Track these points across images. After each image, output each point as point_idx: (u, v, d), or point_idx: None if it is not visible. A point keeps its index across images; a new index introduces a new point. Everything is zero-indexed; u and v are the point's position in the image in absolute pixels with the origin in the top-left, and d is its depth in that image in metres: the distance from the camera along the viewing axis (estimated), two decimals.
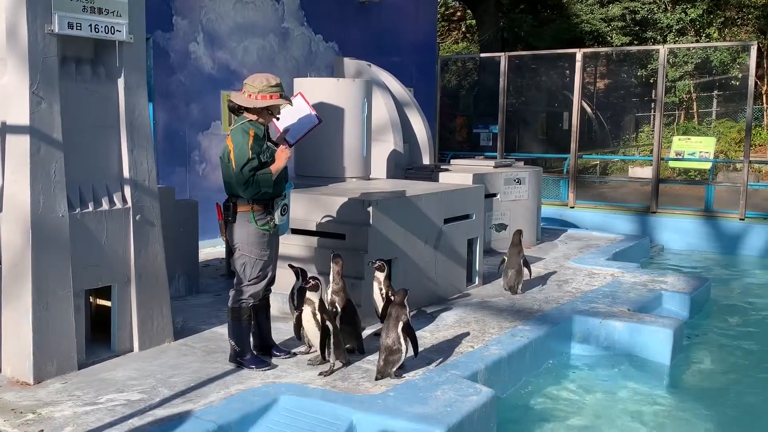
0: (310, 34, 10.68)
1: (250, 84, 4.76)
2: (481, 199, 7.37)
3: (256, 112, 4.76)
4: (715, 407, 5.31)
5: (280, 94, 4.78)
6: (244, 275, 4.76)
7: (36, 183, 4.41)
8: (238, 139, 4.61)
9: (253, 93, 4.73)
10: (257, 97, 4.72)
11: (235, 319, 4.77)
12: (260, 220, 4.71)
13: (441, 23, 25.43)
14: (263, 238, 4.75)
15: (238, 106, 4.78)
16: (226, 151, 4.67)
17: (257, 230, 4.71)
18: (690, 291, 7.16)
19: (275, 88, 4.75)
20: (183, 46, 8.97)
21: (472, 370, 4.74)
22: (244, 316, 4.78)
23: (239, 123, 4.72)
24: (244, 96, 4.76)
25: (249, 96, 4.74)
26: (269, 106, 4.77)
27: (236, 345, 4.78)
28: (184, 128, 9.03)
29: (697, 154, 12.45)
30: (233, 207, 4.71)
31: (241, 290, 4.77)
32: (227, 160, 4.65)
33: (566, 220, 12.42)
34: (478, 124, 17.08)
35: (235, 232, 4.74)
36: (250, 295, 4.78)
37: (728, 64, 22.31)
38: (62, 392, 4.30)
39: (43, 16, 4.39)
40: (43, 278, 4.45)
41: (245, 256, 4.73)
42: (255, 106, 4.73)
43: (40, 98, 4.42)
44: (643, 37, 23.68)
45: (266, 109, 4.78)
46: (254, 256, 4.73)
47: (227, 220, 4.75)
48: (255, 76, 4.82)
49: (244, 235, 4.71)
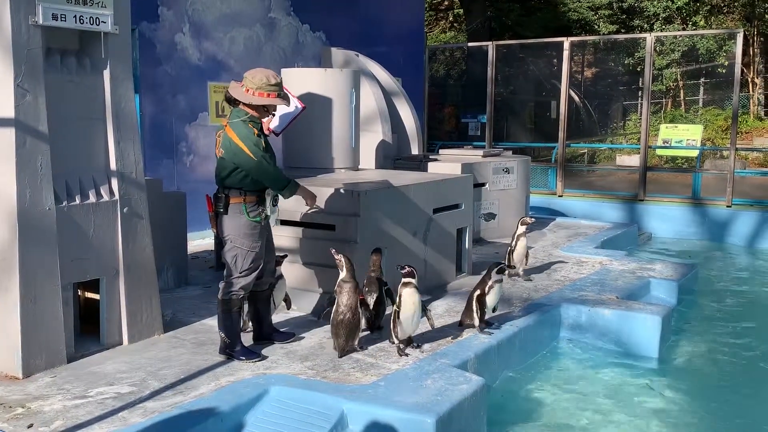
0: (297, 24, 10.63)
1: (250, 79, 4.71)
2: (469, 188, 7.37)
3: (253, 108, 4.75)
4: (703, 393, 5.36)
5: (277, 94, 4.75)
6: (235, 267, 4.74)
7: (22, 176, 4.38)
8: (245, 132, 4.60)
9: (251, 89, 4.69)
10: (255, 93, 4.69)
11: (226, 311, 4.76)
12: (252, 212, 4.71)
13: (428, 12, 25.37)
14: (254, 230, 4.74)
15: (234, 99, 4.75)
16: (232, 143, 4.62)
17: (249, 222, 4.70)
18: (678, 278, 7.21)
19: (274, 87, 4.72)
20: (169, 37, 8.91)
21: (462, 359, 4.75)
22: (235, 308, 4.77)
23: (240, 117, 4.69)
24: (242, 90, 4.72)
25: (247, 91, 4.70)
26: (266, 105, 4.75)
27: (226, 337, 4.77)
28: (171, 120, 8.98)
29: (684, 141, 12.48)
30: (225, 198, 4.70)
31: (231, 282, 4.76)
32: (235, 151, 4.60)
33: (555, 208, 12.46)
34: (466, 114, 17.09)
35: (226, 224, 4.73)
36: (240, 287, 4.77)
37: (715, 52, 22.41)
38: (51, 386, 4.28)
39: (26, 8, 4.35)
40: (30, 272, 4.42)
41: (237, 248, 4.72)
42: (251, 103, 4.70)
43: (24, 90, 4.38)
44: (630, 25, 23.75)
45: (263, 107, 4.77)
46: (245, 248, 4.72)
47: (218, 212, 4.73)
48: (256, 72, 4.76)
49: (235, 227, 4.70)
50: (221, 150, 4.72)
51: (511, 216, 9.46)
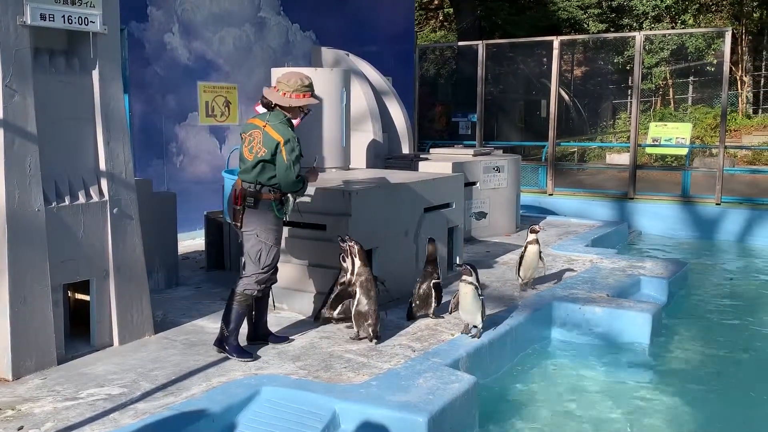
0: (287, 23, 10.61)
1: (285, 83, 4.87)
2: (460, 187, 7.38)
3: (290, 110, 4.90)
4: (693, 389, 5.38)
5: (311, 94, 4.96)
6: (258, 262, 4.83)
7: (11, 177, 4.35)
8: (287, 134, 4.75)
9: (287, 92, 4.86)
10: (292, 95, 4.86)
11: (240, 303, 4.82)
12: (279, 209, 4.84)
13: (418, 12, 25.38)
14: (279, 226, 4.92)
15: (274, 104, 4.88)
16: (275, 142, 4.72)
17: (275, 218, 4.83)
18: (668, 276, 7.24)
19: (308, 88, 4.92)
20: (158, 37, 8.88)
21: (454, 358, 4.76)
22: (248, 302, 4.87)
23: (278, 120, 4.83)
24: (278, 94, 4.87)
25: (284, 94, 4.86)
26: (303, 105, 4.92)
27: (226, 329, 4.81)
28: (161, 120, 8.95)
29: (674, 140, 12.54)
30: (257, 194, 4.79)
31: (252, 277, 4.84)
32: (273, 152, 4.72)
33: (545, 207, 12.50)
34: (456, 113, 17.12)
35: (254, 219, 4.82)
36: (258, 282, 4.85)
37: (703, 51, 22.53)
38: (42, 388, 4.26)
39: (14, 8, 4.32)
40: (20, 273, 4.40)
41: (262, 242, 4.81)
42: (290, 105, 4.86)
43: (13, 91, 4.35)
44: (619, 24, 23.84)
45: (299, 108, 4.94)
46: (270, 243, 4.83)
47: (248, 206, 4.80)
48: (290, 75, 4.93)
49: (263, 222, 4.80)
50: (264, 149, 4.78)
51: (502, 215, 9.49)
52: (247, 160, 4.84)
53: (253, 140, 4.85)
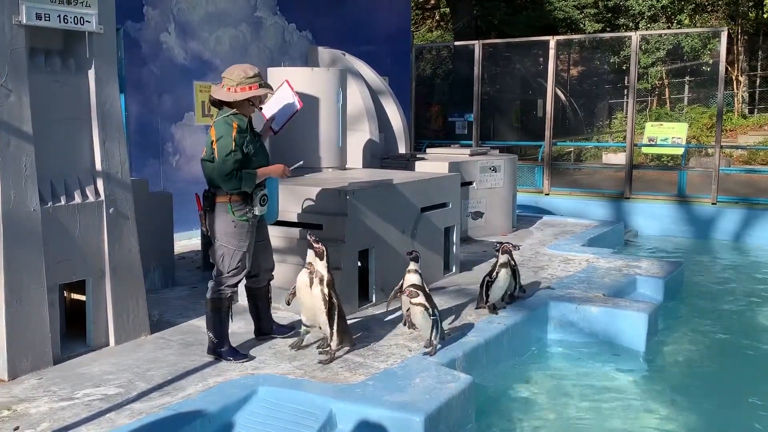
0: (284, 23, 10.60)
1: (228, 77, 4.71)
2: (457, 187, 7.39)
3: (237, 105, 4.72)
4: (689, 388, 5.40)
5: (259, 84, 4.74)
6: (223, 266, 4.74)
7: (6, 177, 4.34)
8: (222, 131, 4.59)
9: (231, 86, 4.68)
10: (236, 90, 4.67)
11: (215, 310, 4.75)
12: (238, 211, 4.69)
13: (415, 11, 25.37)
14: (242, 229, 4.73)
15: (219, 101, 4.75)
16: (209, 141, 4.62)
17: (235, 221, 4.69)
18: (664, 275, 7.25)
19: (253, 79, 4.71)
20: (154, 37, 8.86)
21: (450, 357, 4.76)
22: (224, 307, 4.77)
23: (222, 116, 4.70)
24: (223, 90, 4.71)
25: (228, 89, 4.69)
26: (249, 97, 4.72)
27: (214, 337, 4.76)
28: (157, 119, 8.94)
29: (670, 139, 12.56)
30: (212, 197, 4.70)
31: (220, 281, 4.75)
32: (210, 150, 4.60)
33: (541, 207, 12.51)
34: (453, 113, 17.11)
35: (214, 223, 4.73)
36: (228, 286, 4.76)
37: (699, 50, 22.56)
38: (38, 388, 4.26)
39: (10, 7, 4.31)
40: (15, 273, 4.39)
41: (224, 246, 4.72)
42: (235, 99, 4.68)
43: (8, 91, 4.34)
44: (615, 24, 23.86)
45: (247, 101, 4.74)
46: (232, 247, 4.71)
47: (206, 210, 4.74)
48: (232, 69, 4.77)
49: (222, 226, 4.70)
50: (204, 149, 4.71)
51: (498, 214, 9.50)
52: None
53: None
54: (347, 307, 5.60)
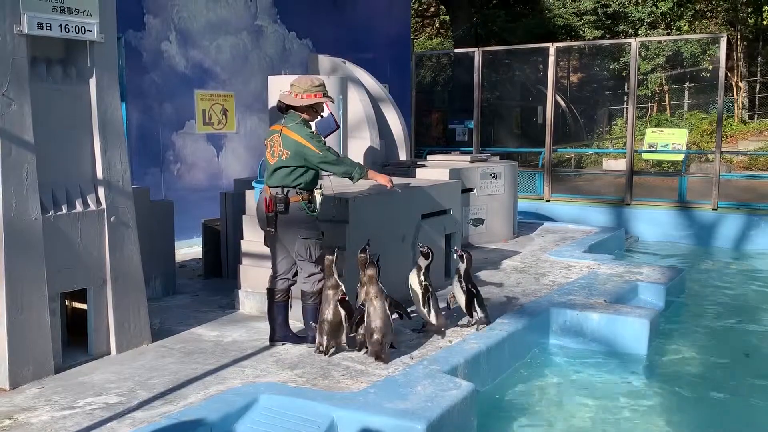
0: (284, 31, 10.64)
1: (297, 85, 5.12)
2: (458, 194, 7.39)
3: (303, 110, 5.12)
4: (691, 394, 5.39)
5: (323, 93, 5.16)
6: (310, 256, 5.04)
7: (7, 186, 4.35)
8: (304, 132, 4.99)
9: (299, 93, 5.10)
10: (303, 96, 5.09)
11: (317, 301, 5.05)
12: (308, 208, 5.03)
13: (415, 19, 25.44)
14: (314, 222, 5.11)
15: (286, 106, 5.11)
16: (298, 144, 4.93)
17: (308, 216, 5.03)
18: (665, 281, 7.25)
19: (318, 88, 5.14)
20: (155, 45, 8.89)
21: (452, 365, 4.76)
22: (318, 299, 5.06)
23: (294, 121, 5.04)
24: (291, 96, 5.11)
25: (296, 96, 5.10)
26: (314, 104, 5.13)
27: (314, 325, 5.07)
28: (158, 128, 8.96)
29: (670, 145, 12.58)
30: (285, 198, 4.96)
31: (316, 272, 5.06)
32: (301, 150, 4.92)
33: (542, 213, 12.51)
34: (453, 120, 17.15)
35: (289, 223, 4.99)
36: (319, 279, 5.06)
37: (699, 56, 22.57)
38: (39, 397, 4.25)
39: (12, 17, 4.33)
40: (17, 282, 4.39)
41: (306, 239, 5.02)
42: (301, 104, 5.08)
43: (10, 100, 4.35)
44: (614, 31, 23.88)
45: (311, 107, 5.15)
46: (314, 238, 5.05)
47: (280, 212, 4.95)
48: (300, 78, 5.23)
49: (300, 222, 5.01)
50: (286, 152, 4.97)
51: (499, 221, 9.50)
52: (271, 165, 5.03)
53: (274, 145, 5.04)
54: None
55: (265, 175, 5.14)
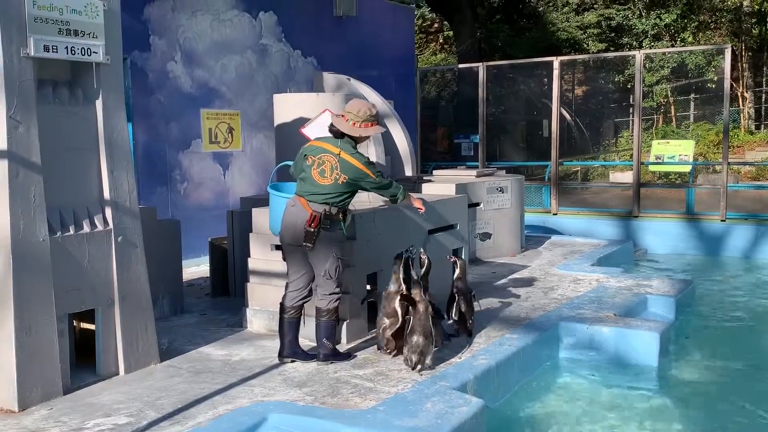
0: (289, 50, 10.69)
1: (354, 113, 5.12)
2: (464, 208, 7.38)
3: (357, 139, 5.19)
4: (702, 408, 5.34)
5: (378, 122, 5.28)
6: (334, 275, 5.09)
7: (15, 207, 4.36)
8: (363, 159, 5.12)
9: (357, 122, 5.11)
10: (361, 125, 5.13)
11: (334, 319, 5.15)
12: (344, 227, 5.16)
13: (419, 35, 25.55)
14: (345, 241, 5.25)
15: (342, 132, 5.14)
16: (358, 170, 5.04)
17: (342, 235, 5.16)
18: (675, 294, 7.20)
19: (375, 117, 5.23)
20: (161, 66, 8.95)
21: (462, 381, 4.73)
22: (335, 316, 5.16)
23: (351, 145, 5.13)
24: (348, 124, 5.12)
25: (353, 124, 5.11)
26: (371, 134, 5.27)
27: (332, 344, 5.16)
28: (165, 147, 8.99)
29: (677, 157, 12.53)
30: (333, 216, 5.04)
31: (335, 290, 5.11)
32: (360, 175, 5.06)
33: (549, 226, 12.47)
34: (458, 135, 17.15)
35: (328, 239, 5.04)
36: (339, 298, 5.16)
37: (704, 68, 22.57)
38: (48, 419, 4.24)
39: (18, 40, 4.36)
40: (25, 303, 4.39)
41: (339, 258, 5.11)
42: (360, 135, 5.16)
43: (17, 122, 4.38)
44: (619, 43, 23.92)
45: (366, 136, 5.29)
46: (340, 256, 5.14)
47: (324, 228, 4.99)
48: (357, 105, 5.18)
49: (336, 241, 5.10)
50: (344, 176, 5.04)
51: (506, 235, 9.48)
52: (320, 183, 5.05)
53: (325, 164, 5.06)
54: (357, 330, 5.59)
55: (304, 188, 5.08)
